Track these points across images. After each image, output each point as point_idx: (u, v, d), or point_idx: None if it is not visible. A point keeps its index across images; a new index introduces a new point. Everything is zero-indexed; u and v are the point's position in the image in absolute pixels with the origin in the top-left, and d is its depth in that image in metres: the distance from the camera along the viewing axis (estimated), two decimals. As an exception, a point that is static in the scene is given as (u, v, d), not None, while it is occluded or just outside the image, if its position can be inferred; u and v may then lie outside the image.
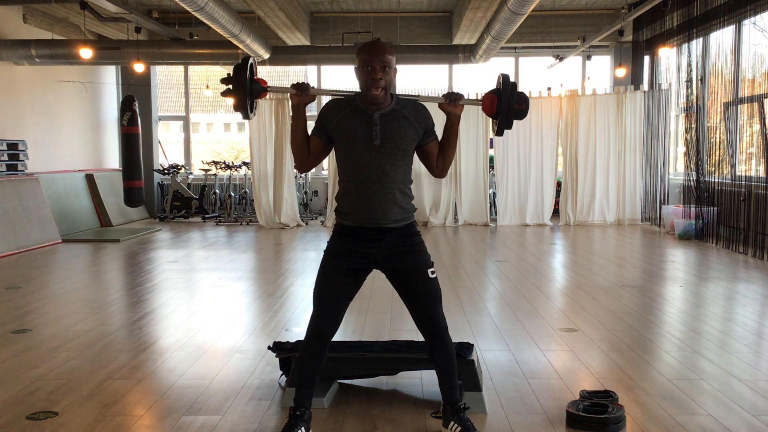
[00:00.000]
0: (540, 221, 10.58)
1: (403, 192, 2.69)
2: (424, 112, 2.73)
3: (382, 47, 2.62)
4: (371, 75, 2.58)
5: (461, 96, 2.73)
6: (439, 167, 2.79)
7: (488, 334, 4.29)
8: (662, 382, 3.38)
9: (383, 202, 2.64)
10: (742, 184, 7.83)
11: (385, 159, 2.63)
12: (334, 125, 2.68)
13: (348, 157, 2.68)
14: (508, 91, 2.74)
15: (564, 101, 10.52)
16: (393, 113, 2.67)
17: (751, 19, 7.86)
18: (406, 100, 2.73)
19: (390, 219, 2.66)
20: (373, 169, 2.63)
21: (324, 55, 10.69)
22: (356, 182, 2.66)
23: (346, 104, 2.70)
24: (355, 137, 2.64)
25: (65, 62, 9.93)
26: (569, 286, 6.04)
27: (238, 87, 2.73)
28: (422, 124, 2.71)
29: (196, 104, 15.50)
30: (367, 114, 2.64)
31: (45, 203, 8.81)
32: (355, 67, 2.66)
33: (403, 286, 2.74)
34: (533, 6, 7.01)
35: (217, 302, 5.29)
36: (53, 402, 3.12)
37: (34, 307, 5.11)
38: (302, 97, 2.70)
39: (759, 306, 5.13)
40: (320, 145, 2.73)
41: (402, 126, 2.66)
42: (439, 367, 2.75)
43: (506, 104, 2.74)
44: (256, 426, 2.87)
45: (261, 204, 10.51)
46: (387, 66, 2.59)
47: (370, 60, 2.58)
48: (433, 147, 2.76)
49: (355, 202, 2.67)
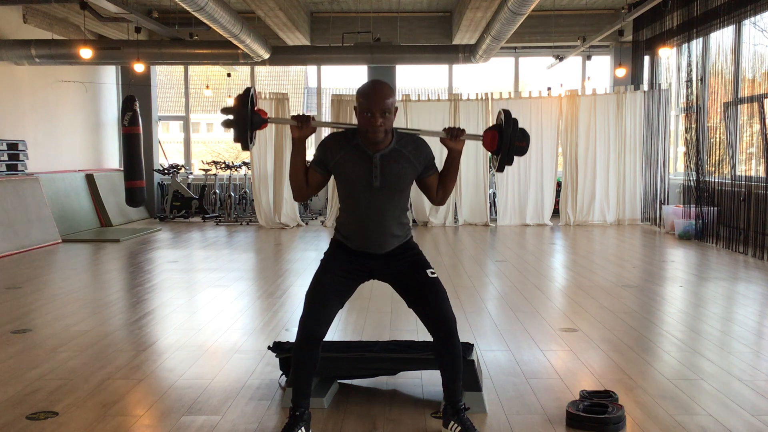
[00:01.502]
0: (540, 221, 10.58)
1: (400, 223, 2.76)
2: (424, 149, 2.74)
3: (381, 92, 2.59)
4: (371, 122, 2.58)
5: (462, 131, 2.74)
6: (439, 197, 2.84)
7: (488, 334, 4.29)
8: (662, 382, 3.38)
9: (381, 235, 2.72)
10: (742, 184, 7.83)
11: (384, 199, 2.69)
12: (334, 163, 2.70)
13: (348, 195, 2.73)
14: (509, 128, 2.74)
15: (564, 101, 10.52)
16: (393, 153, 2.67)
17: (751, 19, 7.85)
18: (407, 137, 2.74)
19: (387, 248, 2.75)
20: (371, 208, 2.69)
21: (324, 55, 10.69)
22: (355, 218, 2.73)
23: (346, 142, 2.69)
24: (355, 178, 2.67)
25: (65, 62, 9.92)
26: (569, 286, 6.04)
27: (239, 119, 2.71)
28: (422, 161, 2.73)
29: (196, 104, 15.51)
30: (367, 154, 2.66)
31: (45, 203, 8.81)
32: (355, 107, 2.66)
33: (406, 288, 2.77)
34: (533, 6, 7.01)
35: (217, 302, 5.29)
36: (53, 402, 3.12)
37: (34, 307, 5.11)
38: (303, 130, 2.70)
39: (759, 306, 5.13)
40: (319, 179, 2.76)
41: (402, 167, 2.68)
42: (444, 368, 2.75)
43: (508, 142, 2.74)
44: (256, 426, 2.87)
45: (261, 204, 10.51)
46: (387, 111, 2.58)
47: (369, 106, 2.57)
48: (433, 180, 2.79)
49: (353, 233, 2.75)
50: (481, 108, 10.62)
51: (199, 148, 17.68)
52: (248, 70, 12.71)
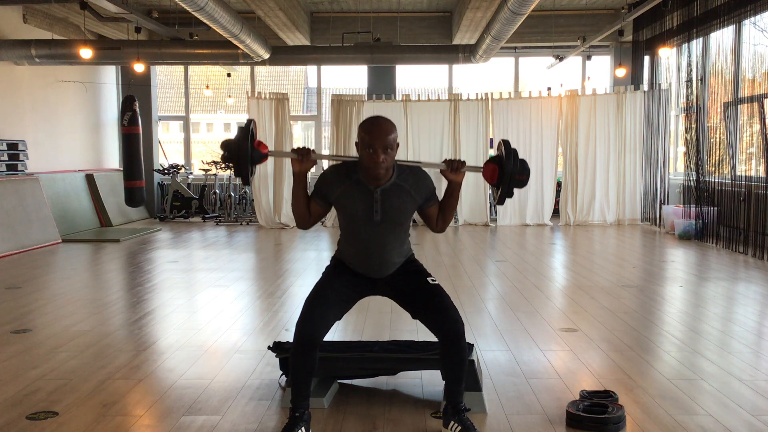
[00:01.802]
0: (540, 221, 10.58)
1: (401, 251, 2.82)
2: (424, 181, 2.77)
3: (383, 128, 2.60)
4: (373, 158, 2.59)
5: (463, 164, 2.76)
6: (439, 226, 2.87)
7: (488, 334, 4.29)
8: (662, 382, 3.38)
9: (382, 265, 2.79)
10: (742, 184, 7.82)
11: (385, 232, 2.73)
12: (335, 198, 2.73)
13: (349, 227, 2.78)
14: (510, 162, 2.74)
15: (564, 101, 10.52)
16: (394, 188, 2.69)
17: (751, 19, 7.85)
18: (408, 170, 2.75)
19: (389, 272, 2.82)
20: (372, 241, 2.73)
21: (324, 55, 10.69)
22: (356, 248, 2.79)
23: (346, 176, 2.71)
24: (356, 212, 2.70)
25: (65, 62, 9.92)
26: (569, 286, 6.04)
27: (239, 155, 2.71)
28: (423, 194, 2.76)
29: (196, 104, 15.51)
30: (368, 189, 2.68)
31: (45, 203, 8.81)
32: (356, 142, 2.67)
33: (409, 298, 2.81)
34: (533, 6, 7.01)
35: (217, 302, 5.29)
36: (53, 402, 3.12)
37: (34, 307, 5.11)
38: (303, 163, 2.71)
39: (759, 306, 5.13)
40: (320, 210, 2.80)
41: (403, 201, 2.71)
42: (449, 371, 2.76)
43: (509, 176, 2.75)
44: (256, 426, 2.87)
45: (261, 204, 10.51)
46: (389, 148, 2.59)
47: (371, 142, 2.58)
48: (433, 210, 2.82)
49: (355, 261, 2.81)
50: (481, 108, 10.62)
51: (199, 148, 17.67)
52: (248, 70, 12.70)
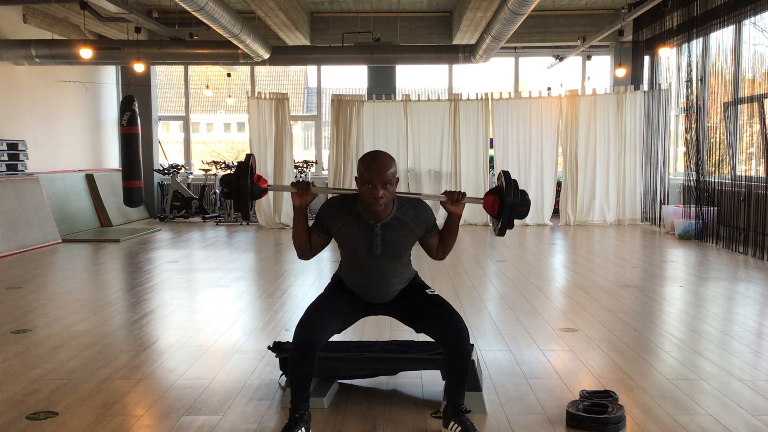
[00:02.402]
0: (540, 221, 10.58)
1: (401, 279, 2.84)
2: (424, 214, 2.77)
3: (383, 164, 2.59)
4: (372, 194, 2.59)
5: (463, 195, 2.75)
6: (439, 255, 2.89)
7: (488, 334, 4.29)
8: (662, 382, 3.38)
9: (383, 293, 2.84)
10: (742, 184, 7.83)
11: (385, 265, 2.75)
12: (335, 232, 2.75)
13: (349, 259, 2.81)
14: (511, 194, 2.74)
15: (564, 101, 10.52)
16: (394, 222, 2.70)
17: (751, 19, 7.85)
18: (408, 203, 2.75)
19: (390, 298, 2.88)
20: (374, 272, 2.76)
21: (324, 55, 10.69)
22: (357, 278, 2.82)
23: (347, 210, 2.72)
24: (356, 246, 2.72)
25: (65, 62, 9.92)
26: (569, 286, 6.04)
27: (240, 190, 2.74)
28: (423, 227, 2.77)
29: (196, 104, 15.51)
30: (368, 224, 2.69)
31: (45, 203, 8.81)
32: (356, 177, 2.67)
33: (409, 313, 2.85)
34: (533, 6, 7.01)
35: (217, 302, 5.29)
36: (53, 402, 3.12)
37: (34, 307, 5.11)
38: (303, 197, 2.73)
39: (759, 306, 5.13)
40: (321, 242, 2.83)
41: (403, 234, 2.72)
42: (451, 374, 2.76)
43: (509, 208, 2.76)
44: (256, 426, 2.87)
45: (261, 204, 10.51)
46: (389, 183, 2.59)
47: (371, 178, 2.57)
48: (433, 241, 2.84)
49: (356, 288, 2.85)
50: (481, 108, 10.62)
51: (199, 148, 17.68)
52: (248, 70, 12.70)
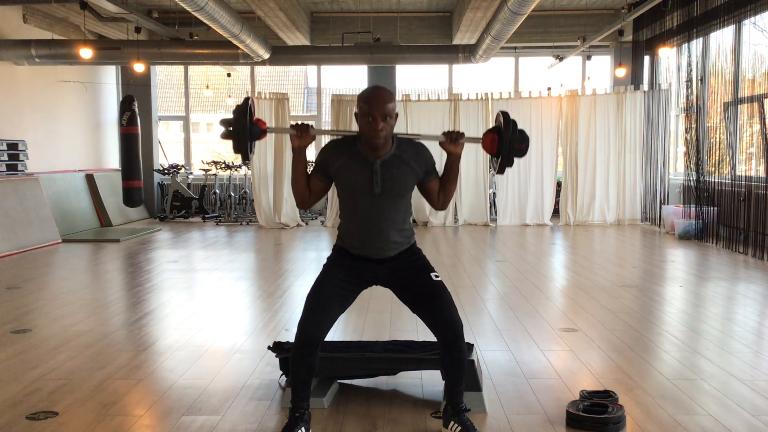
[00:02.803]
0: (540, 221, 10.57)
1: (402, 229, 2.76)
2: (424, 154, 2.75)
3: (383, 96, 2.60)
4: (372, 127, 2.58)
5: (462, 135, 2.74)
6: (440, 202, 2.85)
7: (488, 334, 4.29)
8: (662, 382, 3.38)
9: (383, 242, 2.73)
10: (742, 184, 7.83)
11: (385, 205, 2.69)
12: (335, 171, 2.71)
13: (348, 202, 2.74)
14: (509, 131, 2.73)
15: (564, 101, 10.52)
16: (394, 159, 2.68)
17: (751, 19, 7.85)
18: (407, 142, 2.74)
19: (389, 254, 2.75)
20: (373, 214, 2.69)
21: (324, 55, 10.69)
22: (356, 224, 2.74)
23: (347, 148, 2.70)
24: (355, 184, 2.68)
25: (65, 62, 9.92)
26: (569, 286, 6.04)
27: (238, 130, 2.72)
28: (423, 166, 2.74)
29: (196, 104, 15.50)
30: (368, 161, 2.66)
31: (45, 203, 8.81)
32: (356, 112, 2.66)
33: (410, 293, 2.77)
34: (533, 6, 7.01)
35: (217, 302, 5.29)
36: (53, 402, 3.12)
37: (34, 307, 5.11)
38: (302, 138, 2.71)
39: (759, 306, 5.13)
40: (321, 186, 2.77)
41: (403, 172, 2.69)
42: (448, 372, 2.75)
43: (507, 144, 2.75)
44: (256, 426, 2.87)
45: (261, 204, 10.51)
46: (388, 116, 2.59)
47: (371, 111, 2.57)
48: (434, 184, 2.80)
49: (355, 240, 2.76)
50: (481, 108, 10.62)
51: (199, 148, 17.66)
52: (248, 70, 12.70)
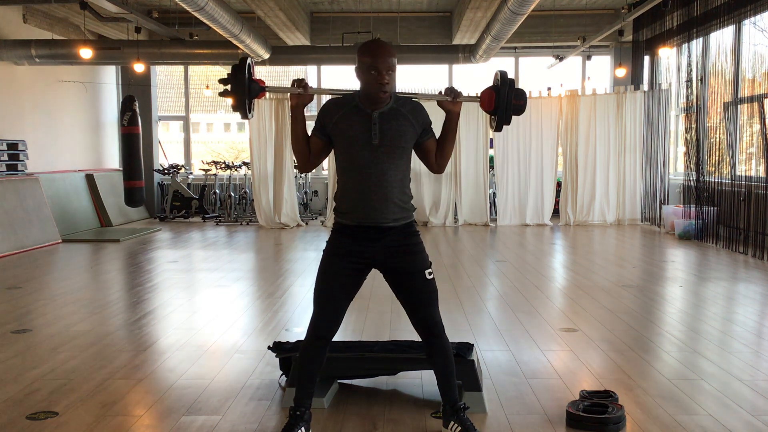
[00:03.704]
0: (540, 221, 10.57)
1: (402, 191, 2.68)
2: (421, 111, 2.73)
3: (385, 49, 2.60)
4: (378, 80, 2.57)
5: (460, 93, 2.72)
6: (438, 163, 2.80)
7: (488, 334, 4.29)
8: (662, 382, 3.38)
9: (382, 200, 2.63)
10: (742, 184, 7.83)
11: (384, 158, 2.63)
12: (333, 124, 2.67)
13: (346, 156, 2.68)
14: (506, 87, 2.74)
15: (564, 101, 10.52)
16: (392, 112, 2.66)
17: (751, 19, 7.85)
18: (405, 98, 2.73)
19: (389, 218, 2.65)
20: (371, 167, 2.63)
21: (324, 55, 10.69)
22: (354, 181, 2.65)
23: (345, 103, 2.69)
24: (353, 136, 2.64)
25: (65, 62, 9.92)
26: (569, 286, 6.04)
27: (237, 87, 2.72)
28: (420, 122, 2.71)
29: (196, 104, 15.49)
30: (366, 113, 2.64)
31: (45, 203, 8.81)
32: (356, 67, 2.64)
33: (400, 286, 2.73)
34: (533, 6, 7.01)
35: (217, 302, 5.29)
36: (53, 402, 3.12)
37: (34, 307, 5.11)
38: (301, 96, 2.70)
39: (759, 306, 5.13)
40: (321, 145, 2.73)
41: (401, 125, 2.66)
42: (437, 368, 2.75)
43: (504, 100, 2.74)
44: (256, 426, 2.87)
45: (261, 204, 10.51)
46: (391, 69, 2.59)
47: (375, 63, 2.56)
48: (431, 144, 2.77)
49: (353, 201, 2.66)
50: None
51: (199, 148, 17.66)
52: (248, 70, 12.68)
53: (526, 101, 2.79)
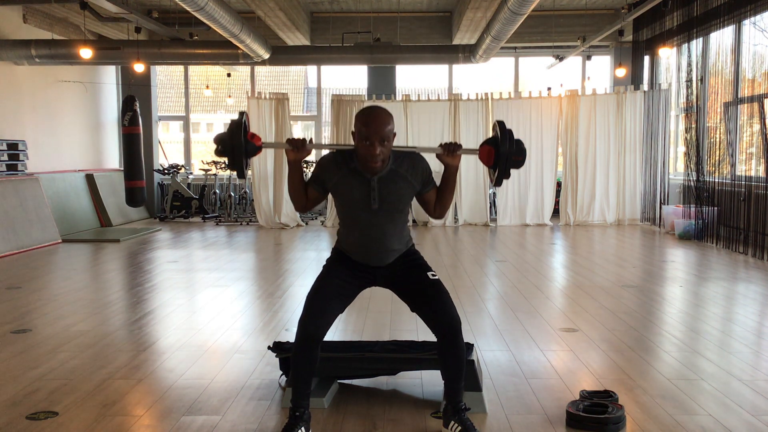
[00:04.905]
0: (540, 221, 10.58)
1: (401, 239, 2.79)
2: (420, 166, 2.75)
3: (380, 119, 2.58)
4: (370, 150, 2.57)
5: (459, 146, 2.74)
6: (437, 212, 2.86)
7: (488, 334, 4.29)
8: (662, 382, 3.38)
9: (382, 251, 2.76)
10: (742, 184, 7.83)
11: (383, 219, 2.71)
12: (333, 185, 2.72)
13: (347, 215, 2.76)
14: (506, 143, 2.73)
15: (564, 101, 10.52)
16: (390, 175, 2.68)
17: (751, 19, 7.85)
18: (404, 155, 2.74)
19: (389, 260, 2.78)
20: (371, 228, 2.71)
21: (324, 55, 10.69)
22: (355, 235, 2.76)
23: (344, 164, 2.70)
24: (353, 200, 2.69)
25: (65, 62, 9.92)
26: (569, 286, 6.04)
27: (233, 147, 2.70)
28: (419, 178, 2.75)
29: (196, 104, 15.50)
30: (365, 178, 2.67)
31: (45, 203, 8.81)
32: (353, 132, 2.64)
33: (408, 291, 2.79)
34: (533, 6, 7.01)
35: (217, 302, 5.29)
36: (53, 402, 3.12)
37: (34, 307, 5.11)
38: (298, 153, 2.71)
39: (759, 306, 5.13)
40: (318, 195, 2.80)
41: (400, 187, 2.70)
42: (447, 369, 2.76)
43: (504, 157, 2.74)
44: (256, 426, 2.87)
45: (261, 204, 10.51)
46: (386, 139, 2.58)
47: (368, 134, 2.56)
48: (431, 195, 2.82)
49: (353, 247, 2.78)
50: (481, 108, 10.62)
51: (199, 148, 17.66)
52: (248, 70, 12.71)
53: (525, 156, 2.79)
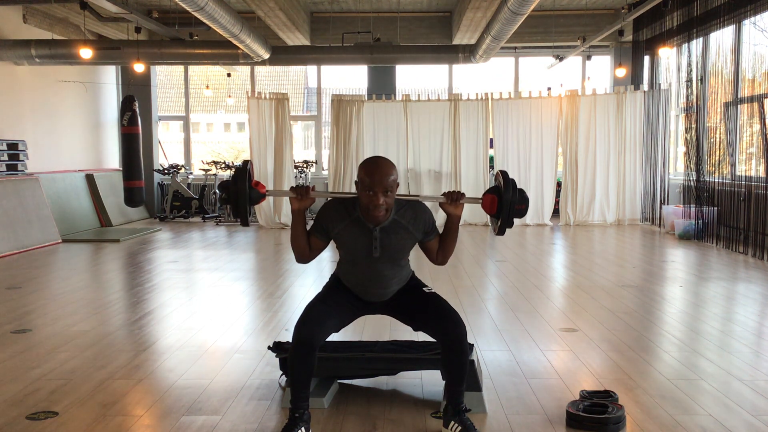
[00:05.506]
0: (540, 221, 10.57)
1: (401, 279, 2.86)
2: (422, 216, 2.77)
3: (383, 170, 2.59)
4: (373, 201, 2.59)
5: (462, 196, 2.75)
6: (440, 259, 2.89)
7: (488, 334, 4.29)
8: (662, 382, 3.38)
9: (382, 292, 2.87)
10: (742, 184, 7.83)
11: (385, 267, 2.77)
12: (336, 234, 2.75)
13: (348, 261, 2.82)
14: (509, 193, 2.74)
15: (564, 101, 10.52)
16: (393, 225, 2.71)
17: (751, 19, 7.85)
18: (406, 205, 2.75)
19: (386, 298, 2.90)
20: (372, 274, 2.77)
21: (324, 55, 10.68)
22: (357, 278, 2.83)
23: (347, 213, 2.72)
24: (356, 249, 2.73)
25: (65, 62, 9.92)
26: (569, 286, 6.04)
27: (238, 195, 2.72)
28: (421, 229, 2.77)
29: (196, 104, 15.50)
30: (367, 228, 2.69)
31: (45, 203, 8.81)
32: (356, 181, 2.66)
33: (408, 311, 2.87)
34: (533, 6, 7.00)
35: (217, 302, 5.29)
36: (53, 402, 3.12)
37: (34, 307, 5.11)
38: (302, 202, 2.72)
39: (759, 306, 5.13)
40: (321, 243, 2.82)
41: (401, 238, 2.73)
42: (450, 372, 2.77)
43: (508, 207, 2.76)
44: (256, 426, 2.87)
45: (261, 204, 10.50)
46: (389, 190, 2.60)
47: (372, 185, 2.57)
48: (434, 243, 2.85)
49: (354, 288, 2.86)
50: (481, 108, 10.62)
51: (199, 148, 17.67)
52: (248, 70, 12.70)
53: (528, 205, 2.82)
